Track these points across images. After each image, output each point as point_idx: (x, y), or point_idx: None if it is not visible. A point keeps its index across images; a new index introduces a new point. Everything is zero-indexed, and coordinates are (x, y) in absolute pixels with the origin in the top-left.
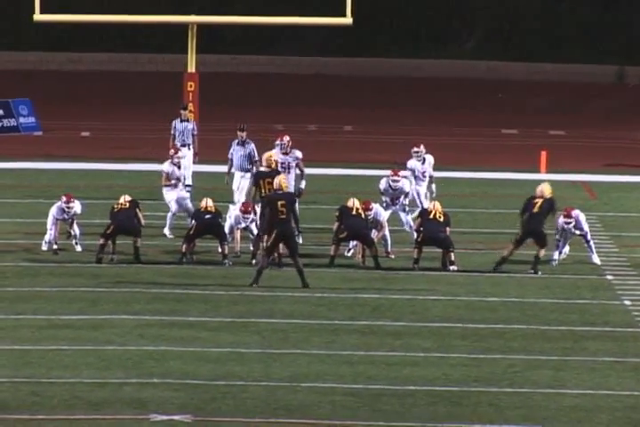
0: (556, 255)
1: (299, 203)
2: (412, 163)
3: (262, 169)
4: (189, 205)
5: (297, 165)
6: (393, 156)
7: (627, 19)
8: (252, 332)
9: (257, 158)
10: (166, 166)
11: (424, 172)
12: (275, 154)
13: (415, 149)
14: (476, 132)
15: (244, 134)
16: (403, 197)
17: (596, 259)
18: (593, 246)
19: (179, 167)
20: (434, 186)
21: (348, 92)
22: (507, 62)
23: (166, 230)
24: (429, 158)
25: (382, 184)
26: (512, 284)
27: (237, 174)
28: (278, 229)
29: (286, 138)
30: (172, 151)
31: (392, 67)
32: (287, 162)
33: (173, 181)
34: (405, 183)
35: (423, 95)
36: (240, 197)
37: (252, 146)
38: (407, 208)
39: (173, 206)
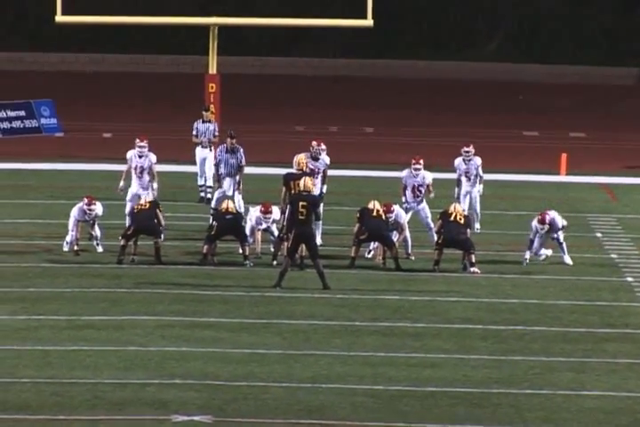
0: (526, 255)
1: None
2: (456, 161)
3: (292, 171)
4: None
5: (323, 171)
6: (413, 157)
7: None
8: (273, 333)
9: (244, 164)
10: (129, 154)
11: (467, 172)
12: (304, 157)
13: (465, 149)
14: (497, 133)
15: (234, 141)
16: (423, 195)
17: (567, 260)
18: (565, 248)
19: (140, 157)
20: (481, 187)
21: (370, 94)
22: (528, 64)
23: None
24: (476, 160)
25: (404, 173)
26: (532, 285)
27: (229, 180)
28: (296, 231)
29: (323, 145)
30: (137, 140)
31: (413, 69)
32: (318, 168)
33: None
34: (427, 174)
35: (445, 97)
36: (238, 198)
37: (241, 152)
38: (429, 214)
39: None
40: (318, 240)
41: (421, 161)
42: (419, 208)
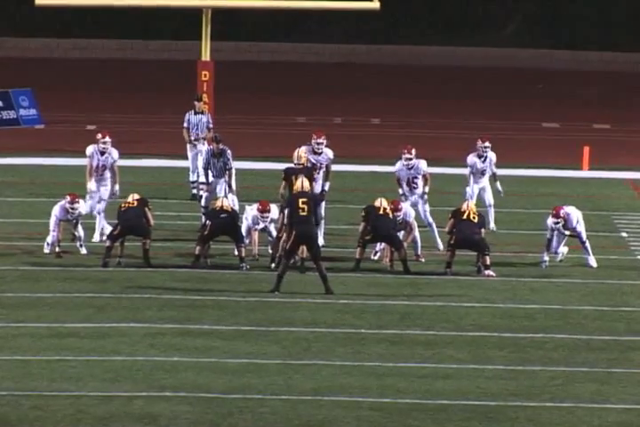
0: (545, 256)
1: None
2: (471, 159)
3: (293, 165)
4: (96, 210)
5: (326, 166)
6: (424, 151)
7: None
8: (272, 341)
9: (230, 166)
10: (88, 151)
11: (483, 170)
12: (305, 151)
13: (483, 144)
14: (515, 125)
15: (220, 146)
16: (422, 186)
17: (592, 261)
18: (589, 248)
19: (102, 154)
20: (498, 184)
21: (377, 83)
22: (549, 50)
23: (95, 235)
24: (491, 156)
25: (397, 166)
26: (553, 290)
27: (219, 182)
28: (297, 231)
29: (323, 138)
30: (99, 135)
31: (424, 55)
32: (320, 163)
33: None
34: (421, 162)
35: (458, 85)
36: (232, 197)
37: (227, 154)
38: (426, 197)
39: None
40: (320, 241)
41: (413, 151)
42: (418, 204)
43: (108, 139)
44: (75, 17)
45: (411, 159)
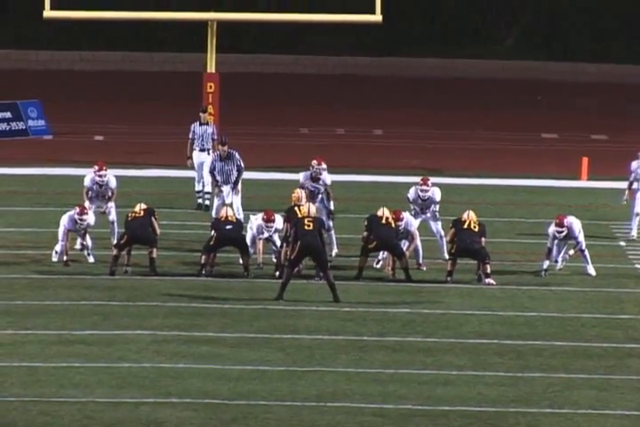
0: (545, 265)
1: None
2: (634, 164)
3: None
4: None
5: (325, 190)
6: (425, 161)
7: None
8: (276, 348)
9: (242, 167)
10: (86, 181)
11: None
12: (299, 191)
13: None
14: (514, 136)
15: (226, 148)
16: (434, 205)
17: (591, 270)
18: (588, 257)
19: (100, 186)
20: None
21: (379, 94)
22: (547, 62)
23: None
24: None
25: (411, 194)
26: (551, 298)
27: (226, 189)
28: (302, 242)
29: (324, 164)
30: (95, 167)
31: (425, 67)
32: (318, 189)
33: (89, 202)
34: (436, 192)
35: (458, 97)
36: (236, 201)
37: (237, 156)
38: (438, 215)
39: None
40: (335, 250)
41: (429, 182)
42: (428, 216)
43: (104, 171)
44: (80, 30)
45: (427, 191)
